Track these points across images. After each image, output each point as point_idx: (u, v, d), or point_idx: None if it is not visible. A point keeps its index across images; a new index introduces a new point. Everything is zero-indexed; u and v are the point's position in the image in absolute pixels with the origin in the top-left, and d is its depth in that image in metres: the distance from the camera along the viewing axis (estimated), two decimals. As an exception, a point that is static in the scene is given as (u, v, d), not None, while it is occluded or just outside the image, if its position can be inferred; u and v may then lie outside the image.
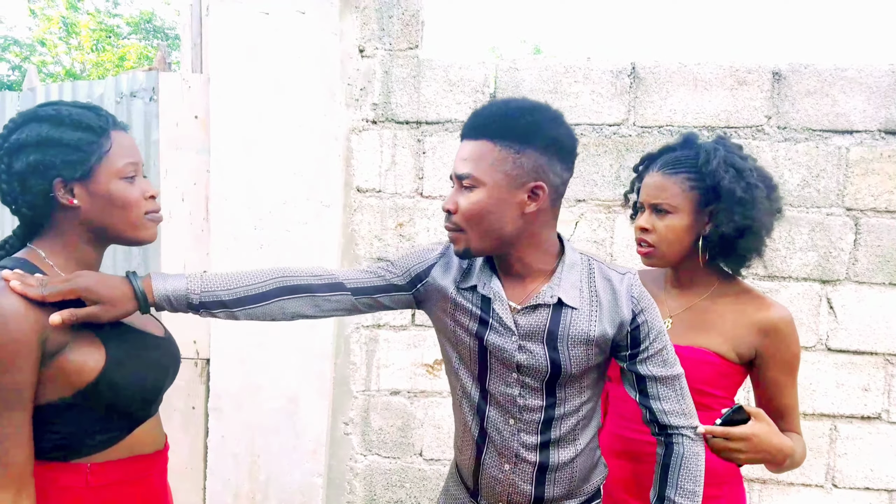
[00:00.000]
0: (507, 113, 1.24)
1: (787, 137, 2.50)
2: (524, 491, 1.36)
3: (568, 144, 1.27)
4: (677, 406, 1.31)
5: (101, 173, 1.20)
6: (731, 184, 1.38)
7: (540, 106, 1.27)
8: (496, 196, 1.22)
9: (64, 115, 1.19)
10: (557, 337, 1.28)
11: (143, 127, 2.62)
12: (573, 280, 1.29)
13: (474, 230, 1.25)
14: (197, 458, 2.64)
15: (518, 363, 1.31)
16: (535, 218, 1.26)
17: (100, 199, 1.20)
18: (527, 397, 1.33)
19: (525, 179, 1.22)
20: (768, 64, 2.51)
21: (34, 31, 14.31)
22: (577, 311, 1.28)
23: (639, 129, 2.54)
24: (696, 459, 1.31)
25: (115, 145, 1.22)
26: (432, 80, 2.60)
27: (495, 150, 1.21)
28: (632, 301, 1.28)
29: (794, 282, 2.54)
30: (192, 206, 2.57)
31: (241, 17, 2.46)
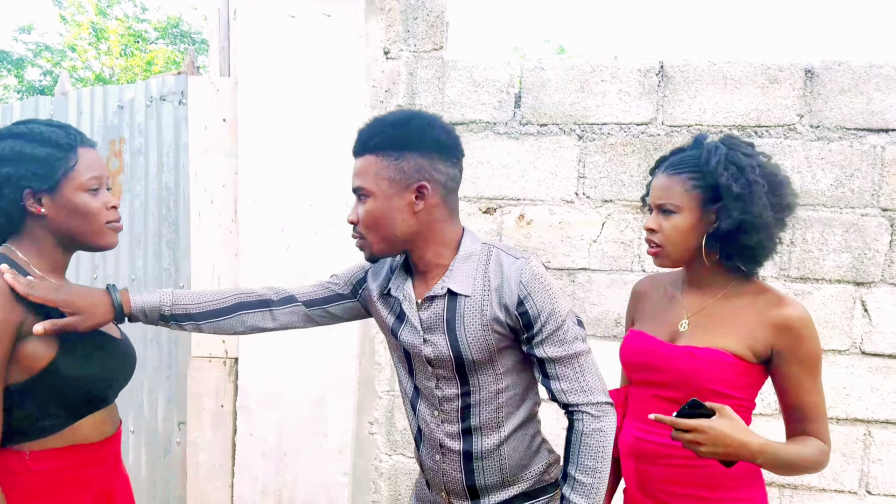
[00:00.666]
0: (382, 127, 1.35)
1: (820, 136, 2.46)
2: (456, 479, 1.44)
3: (445, 143, 1.37)
4: (575, 384, 1.36)
5: (67, 186, 1.33)
6: (729, 180, 1.38)
7: (413, 114, 1.39)
8: (385, 202, 1.33)
9: (35, 132, 1.33)
10: (455, 325, 1.36)
11: (173, 130, 2.65)
12: (468, 270, 1.38)
13: (373, 235, 1.36)
14: (225, 456, 2.66)
15: (426, 356, 1.41)
16: (427, 215, 1.36)
17: (65, 208, 1.33)
18: (443, 388, 1.42)
19: (409, 182, 1.33)
20: (800, 62, 2.47)
21: (65, 36, 14.58)
22: (470, 299, 1.36)
23: (667, 128, 2.52)
24: (597, 436, 1.34)
25: (81, 161, 1.35)
26: (457, 80, 2.60)
27: (378, 162, 1.33)
28: (519, 285, 1.33)
29: (828, 284, 2.49)
30: (220, 208, 2.59)
31: (267, 20, 2.48)
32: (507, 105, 2.59)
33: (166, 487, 2.77)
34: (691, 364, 1.42)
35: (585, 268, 2.58)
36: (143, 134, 2.72)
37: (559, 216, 2.57)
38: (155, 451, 2.78)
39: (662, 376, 1.47)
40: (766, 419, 2.43)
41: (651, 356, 1.50)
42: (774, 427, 1.47)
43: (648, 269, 2.52)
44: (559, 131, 2.57)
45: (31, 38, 14.36)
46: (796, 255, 2.49)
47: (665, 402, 1.46)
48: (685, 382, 1.42)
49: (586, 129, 2.55)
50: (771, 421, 2.42)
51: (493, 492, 1.43)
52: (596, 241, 2.56)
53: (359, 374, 2.64)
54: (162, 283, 2.71)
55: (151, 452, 2.79)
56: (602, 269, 2.57)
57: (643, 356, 1.52)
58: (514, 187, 2.59)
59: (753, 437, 1.30)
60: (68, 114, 2.89)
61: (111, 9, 14.54)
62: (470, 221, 2.60)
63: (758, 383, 1.45)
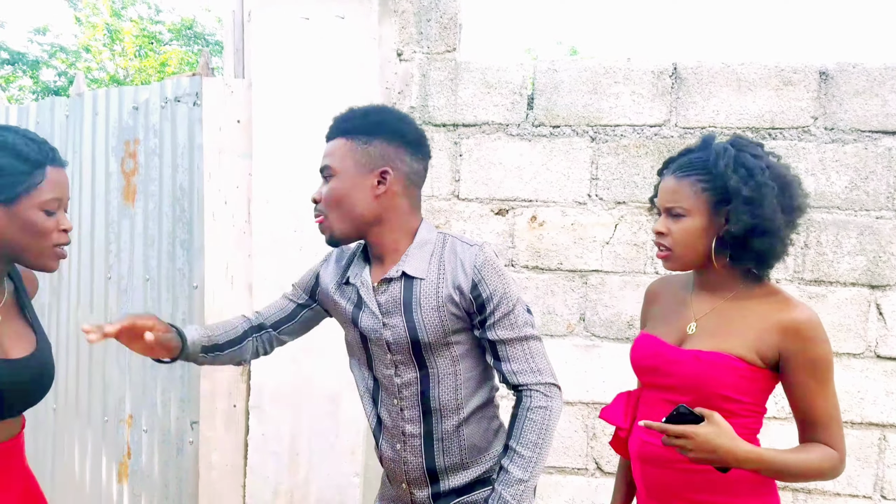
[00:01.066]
0: (355, 113, 1.46)
1: (834, 139, 2.45)
2: (416, 465, 1.49)
3: (413, 137, 1.46)
4: (525, 365, 1.42)
5: (26, 201, 1.32)
6: (739, 184, 1.37)
7: (386, 107, 1.51)
8: (348, 181, 1.41)
9: (9, 142, 1.32)
10: (412, 307, 1.42)
11: (188, 131, 2.67)
12: (422, 255, 1.44)
13: (334, 213, 1.43)
14: (237, 456, 2.67)
15: (387, 341, 1.46)
16: (388, 200, 1.43)
17: (17, 222, 1.33)
18: (402, 374, 1.47)
19: (373, 166, 1.41)
20: (815, 63, 2.46)
21: (79, 38, 14.70)
22: (425, 281, 1.42)
23: (681, 130, 2.51)
24: (542, 412, 1.39)
25: (47, 180, 1.34)
26: (469, 82, 2.60)
27: (347, 144, 1.42)
28: (473, 270, 1.40)
29: (842, 287, 2.48)
30: (234, 209, 2.61)
31: (281, 22, 2.50)
32: (519, 107, 2.59)
33: (179, 487, 2.79)
34: (697, 368, 1.40)
35: (598, 269, 2.57)
36: (157, 135, 2.74)
37: (572, 218, 2.57)
38: (168, 451, 2.80)
39: (670, 380, 1.46)
40: (780, 422, 2.42)
41: (659, 359, 1.49)
42: (788, 430, 1.46)
43: (661, 271, 2.52)
44: (572, 133, 2.57)
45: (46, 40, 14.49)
46: (810, 257, 2.48)
47: (673, 406, 1.45)
48: (692, 386, 1.41)
49: (599, 131, 2.55)
50: (784, 424, 2.40)
51: (451, 474, 1.48)
52: (609, 242, 2.56)
53: (371, 374, 2.65)
54: (175, 283, 2.73)
55: (164, 452, 2.81)
56: (615, 271, 2.57)
57: (651, 359, 1.51)
58: (526, 189, 2.59)
59: (739, 443, 1.29)
60: (84, 115, 2.92)
61: (125, 10, 14.65)
62: (482, 223, 2.60)
63: (767, 388, 1.42)
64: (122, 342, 1.41)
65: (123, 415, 2.88)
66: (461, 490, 1.48)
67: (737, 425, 1.39)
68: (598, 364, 2.59)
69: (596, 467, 2.62)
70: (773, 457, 1.32)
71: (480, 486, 1.48)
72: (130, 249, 2.82)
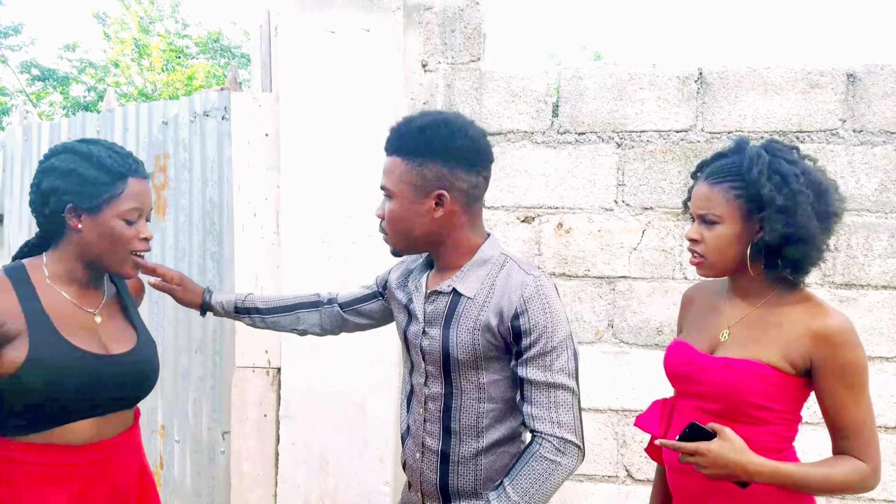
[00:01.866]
0: (409, 130, 1.40)
1: (863, 141, 2.42)
2: (431, 480, 1.48)
3: (469, 152, 1.40)
4: (546, 414, 1.34)
5: (108, 211, 1.42)
6: (773, 192, 1.34)
7: (440, 120, 1.41)
8: (406, 205, 1.40)
9: (94, 154, 1.42)
10: (451, 322, 1.41)
11: (217, 145, 2.71)
12: (479, 275, 1.42)
13: (394, 233, 1.44)
14: (269, 465, 2.70)
15: (422, 347, 1.46)
16: (446, 221, 1.41)
17: (99, 230, 1.42)
18: (431, 385, 1.47)
19: (429, 189, 1.38)
20: (842, 66, 2.43)
21: (108, 53, 14.99)
22: (472, 301, 1.40)
23: (707, 134, 2.50)
24: (548, 465, 1.32)
25: (128, 191, 1.43)
26: (494, 91, 2.62)
27: (402, 165, 1.39)
28: (521, 298, 1.35)
29: (874, 290, 2.44)
30: (263, 221, 2.64)
31: (308, 36, 2.53)
32: (544, 114, 2.59)
33: (211, 496, 2.82)
34: (728, 376, 1.39)
35: (626, 276, 2.57)
36: (187, 149, 2.79)
37: (598, 224, 2.57)
38: (200, 460, 2.84)
39: (702, 388, 1.45)
40: (812, 427, 2.39)
41: (691, 367, 1.48)
42: (820, 435, 1.44)
43: (690, 277, 2.51)
44: (598, 139, 2.57)
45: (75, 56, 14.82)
46: (841, 261, 2.45)
47: (706, 414, 1.44)
48: (723, 394, 1.40)
49: (625, 137, 2.55)
50: (816, 429, 2.37)
51: (464, 499, 1.45)
52: (636, 248, 2.55)
53: (399, 382, 2.66)
54: (206, 294, 2.77)
55: (196, 461, 2.85)
56: (643, 277, 2.56)
57: (684, 367, 1.50)
58: (552, 196, 2.59)
59: (751, 457, 1.28)
60: (114, 130, 2.98)
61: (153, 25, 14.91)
62: (508, 230, 2.61)
63: (801, 396, 1.40)
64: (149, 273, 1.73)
65: (156, 425, 2.92)
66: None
67: (769, 433, 1.38)
68: (628, 371, 2.58)
69: (626, 474, 2.61)
70: (790, 471, 1.30)
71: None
72: (162, 261, 2.87)
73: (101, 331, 1.49)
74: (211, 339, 2.79)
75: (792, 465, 1.32)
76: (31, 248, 1.52)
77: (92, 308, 1.50)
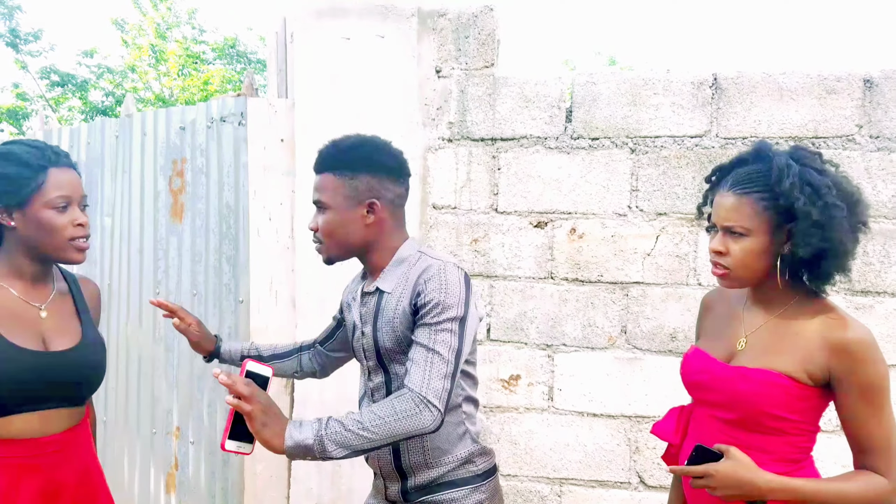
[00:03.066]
0: (339, 149, 1.57)
1: (880, 147, 2.41)
2: (387, 461, 1.61)
3: (393, 164, 1.59)
4: (419, 373, 1.41)
5: (34, 203, 1.47)
6: (807, 206, 1.30)
7: (366, 138, 1.60)
8: (341, 214, 1.54)
9: (12, 152, 1.48)
10: (378, 318, 1.57)
11: (233, 150, 2.74)
12: (397, 273, 1.57)
13: (330, 242, 1.58)
14: (281, 467, 2.72)
15: (363, 347, 1.63)
16: (376, 227, 1.57)
17: (32, 223, 1.48)
18: (373, 378, 1.63)
19: (361, 198, 1.54)
20: (858, 71, 2.42)
21: (126, 59, 15.13)
22: (391, 295, 1.55)
23: (722, 140, 2.49)
24: (398, 409, 1.37)
25: (50, 180, 1.48)
26: (508, 97, 2.62)
27: (335, 180, 1.54)
28: (422, 279, 1.49)
29: (890, 297, 2.42)
30: (278, 225, 2.66)
31: (323, 43, 2.55)
32: (558, 120, 2.60)
33: (225, 497, 2.84)
34: (744, 386, 1.37)
35: (639, 281, 2.56)
36: (204, 154, 2.82)
37: (612, 230, 2.57)
38: (214, 462, 2.86)
39: (718, 397, 1.43)
40: (828, 435, 2.37)
41: (706, 376, 1.47)
42: (836, 443, 1.43)
43: (704, 283, 2.50)
44: (611, 145, 2.57)
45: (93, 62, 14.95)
46: (857, 268, 2.43)
47: (722, 423, 1.43)
48: (739, 404, 1.38)
49: (639, 143, 2.55)
50: (832, 437, 2.35)
51: (417, 472, 1.58)
52: (650, 254, 2.55)
53: (412, 387, 2.67)
54: (222, 297, 2.79)
55: (210, 463, 2.86)
56: (656, 283, 2.55)
57: (700, 375, 1.49)
58: (565, 201, 2.60)
59: (762, 475, 1.26)
60: (133, 134, 3.02)
61: (170, 31, 15.05)
62: (521, 235, 2.62)
63: (819, 406, 1.38)
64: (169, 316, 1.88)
65: (171, 427, 2.95)
66: (425, 488, 1.59)
67: (786, 444, 1.37)
68: (641, 377, 2.57)
69: (639, 481, 2.60)
70: (802, 486, 1.29)
71: (446, 487, 1.58)
72: (178, 265, 2.90)
73: (45, 326, 1.54)
74: (226, 342, 2.81)
75: (804, 480, 1.31)
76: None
77: (38, 303, 1.55)
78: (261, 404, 1.30)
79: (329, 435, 1.33)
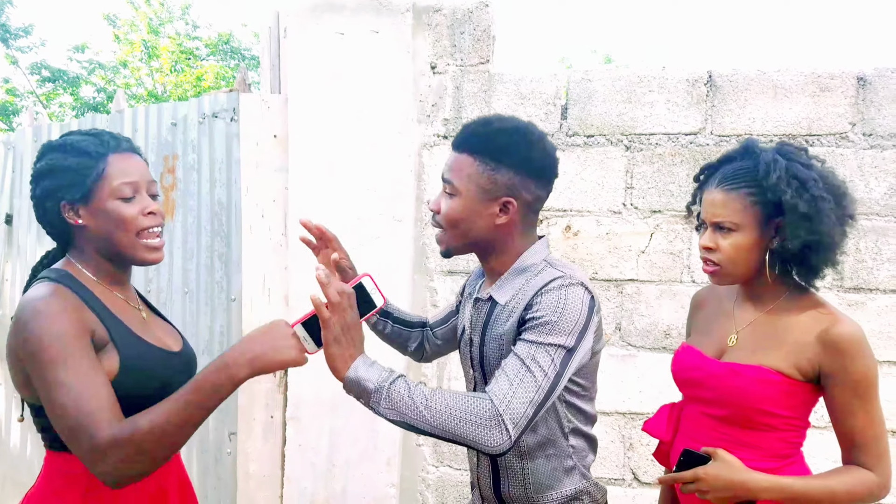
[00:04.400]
0: (487, 131, 1.36)
1: (873, 145, 2.41)
2: (487, 485, 1.49)
3: (542, 165, 1.37)
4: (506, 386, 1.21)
5: (98, 194, 1.31)
6: (794, 199, 1.31)
7: (521, 127, 1.37)
8: (470, 206, 1.35)
9: (68, 143, 1.33)
10: (487, 330, 1.42)
11: (225, 146, 2.72)
12: (515, 283, 1.39)
13: (451, 231, 1.39)
14: (275, 466, 2.70)
15: (469, 355, 1.48)
16: (505, 227, 1.38)
17: (99, 217, 1.32)
18: (477, 391, 1.48)
19: (498, 194, 1.34)
20: (852, 69, 2.42)
21: (117, 54, 15.06)
22: (503, 308, 1.38)
23: (716, 137, 2.49)
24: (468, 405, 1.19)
25: (112, 167, 1.32)
26: (503, 93, 2.61)
27: (474, 165, 1.34)
28: (539, 291, 1.31)
29: (882, 294, 2.43)
30: (271, 222, 2.65)
31: (317, 38, 2.54)
32: (553, 117, 2.59)
33: (217, 497, 2.83)
34: (736, 382, 1.38)
35: (634, 279, 2.56)
36: (196, 150, 2.80)
37: (607, 227, 2.56)
38: (206, 461, 2.84)
39: (709, 393, 1.44)
40: (820, 431, 2.38)
41: (698, 373, 1.47)
42: (827, 440, 1.43)
43: (698, 280, 2.50)
44: (606, 142, 2.56)
45: (84, 57, 14.88)
46: (849, 264, 2.44)
47: (713, 420, 1.43)
48: (731, 400, 1.39)
49: (634, 140, 2.54)
50: (824, 434, 2.36)
51: (518, 503, 1.44)
52: (644, 251, 2.55)
53: (406, 385, 2.66)
54: (214, 295, 2.78)
55: (202, 462, 2.85)
56: (651, 280, 2.55)
57: (690, 372, 1.49)
58: (560, 198, 2.59)
59: (752, 475, 1.28)
60: (124, 130, 2.99)
61: (163, 27, 14.98)
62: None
63: (809, 402, 1.39)
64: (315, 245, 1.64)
65: (164, 425, 2.93)
66: None
67: (777, 439, 1.38)
68: (635, 374, 2.57)
69: (633, 477, 2.60)
70: (792, 485, 1.29)
71: None
72: (170, 262, 2.88)
73: (153, 328, 1.42)
74: (218, 340, 2.80)
75: (793, 478, 1.32)
76: (52, 259, 1.42)
77: (133, 303, 1.42)
78: (345, 319, 1.19)
79: (392, 390, 1.19)
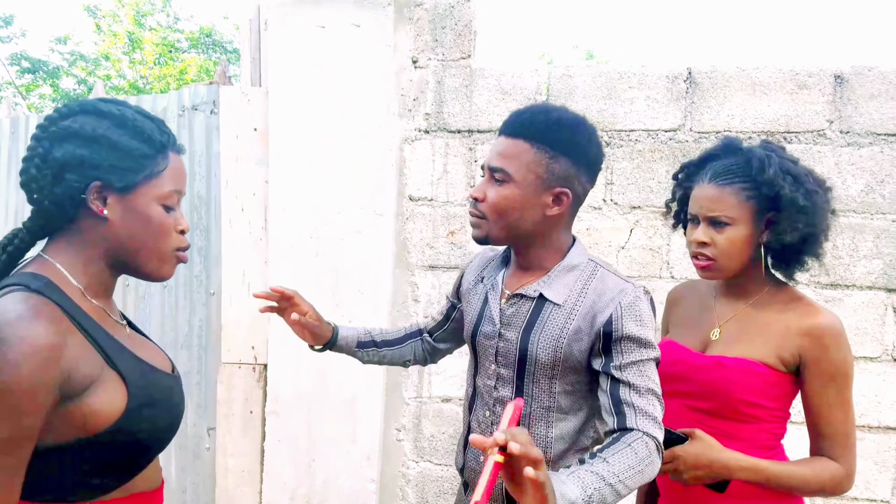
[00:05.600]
0: (548, 119, 1.30)
1: (850, 142, 2.43)
2: (497, 484, 1.38)
3: (596, 160, 1.35)
4: (649, 415, 1.22)
5: (145, 192, 1.09)
6: (792, 192, 1.35)
7: (580, 119, 1.34)
8: (524, 194, 1.30)
9: (128, 117, 1.09)
10: (533, 328, 1.33)
11: (205, 139, 2.70)
12: (567, 280, 1.34)
13: (496, 220, 1.33)
14: (254, 462, 2.70)
15: (498, 350, 1.39)
16: (553, 221, 1.34)
17: (132, 218, 1.09)
18: (500, 389, 1.39)
19: (554, 184, 1.30)
20: (830, 67, 2.44)
21: (99, 46, 14.90)
22: (560, 308, 1.32)
23: (695, 134, 2.51)
24: (646, 452, 1.17)
25: (170, 168, 1.13)
26: (484, 88, 2.61)
27: (531, 152, 1.29)
28: (619, 306, 1.26)
29: (859, 290, 2.46)
30: (251, 216, 2.63)
31: (298, 31, 2.52)
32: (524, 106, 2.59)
33: (196, 493, 2.81)
34: (722, 374, 1.40)
35: (612, 275, 2.57)
36: (175, 143, 2.77)
37: (586, 223, 2.57)
38: (185, 457, 2.83)
39: (693, 387, 1.45)
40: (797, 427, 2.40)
41: (681, 367, 1.48)
42: (804, 434, 1.45)
43: (677, 276, 2.51)
44: (586, 138, 2.57)
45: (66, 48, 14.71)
46: (826, 261, 2.46)
47: (697, 413, 1.45)
48: (716, 393, 1.41)
49: (614, 136, 2.55)
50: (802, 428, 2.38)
51: None
52: (624, 247, 2.56)
53: (386, 380, 2.66)
54: (193, 290, 2.76)
55: (181, 458, 2.84)
56: (630, 276, 2.56)
57: (673, 367, 1.50)
58: (540, 194, 2.59)
59: (731, 454, 1.30)
60: (104, 124, 2.96)
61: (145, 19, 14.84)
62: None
63: (791, 393, 1.42)
64: (278, 307, 1.59)
65: (142, 419, 2.91)
66: None
67: (761, 431, 1.40)
68: (614, 369, 2.58)
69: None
70: (769, 467, 1.32)
71: None
72: (149, 256, 2.85)
73: (140, 346, 1.18)
74: (197, 334, 2.78)
75: (768, 461, 1.34)
76: (21, 242, 1.11)
77: (115, 317, 1.16)
78: (548, 481, 0.97)
79: (595, 497, 1.08)
